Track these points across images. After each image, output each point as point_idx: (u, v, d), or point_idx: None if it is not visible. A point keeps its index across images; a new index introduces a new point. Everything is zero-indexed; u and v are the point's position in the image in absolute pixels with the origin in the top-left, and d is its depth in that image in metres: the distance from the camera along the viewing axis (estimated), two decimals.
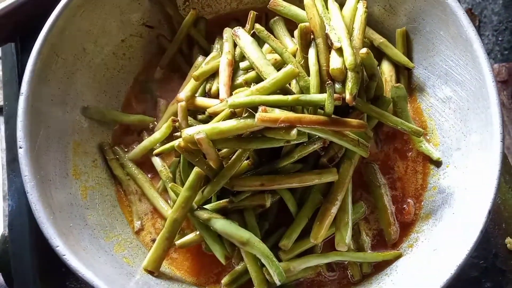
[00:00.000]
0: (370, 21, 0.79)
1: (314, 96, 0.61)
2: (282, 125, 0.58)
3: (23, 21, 0.81)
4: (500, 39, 1.44)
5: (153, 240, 0.73)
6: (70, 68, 0.74)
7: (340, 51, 0.63)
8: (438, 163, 0.74)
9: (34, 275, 0.80)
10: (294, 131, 0.59)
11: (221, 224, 0.66)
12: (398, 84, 0.74)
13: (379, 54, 0.79)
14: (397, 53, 0.77)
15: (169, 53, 0.82)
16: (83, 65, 0.76)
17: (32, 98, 0.67)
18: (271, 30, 0.77)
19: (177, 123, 0.72)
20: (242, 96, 0.64)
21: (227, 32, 0.78)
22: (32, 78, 0.67)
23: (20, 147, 0.65)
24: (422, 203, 0.73)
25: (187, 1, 0.84)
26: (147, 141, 0.76)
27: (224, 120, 0.64)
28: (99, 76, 0.78)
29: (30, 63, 0.68)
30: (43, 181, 0.65)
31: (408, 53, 0.79)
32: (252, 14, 0.75)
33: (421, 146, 0.75)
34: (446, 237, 0.66)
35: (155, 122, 0.79)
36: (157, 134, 0.75)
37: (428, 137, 0.76)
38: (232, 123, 0.62)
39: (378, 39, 0.79)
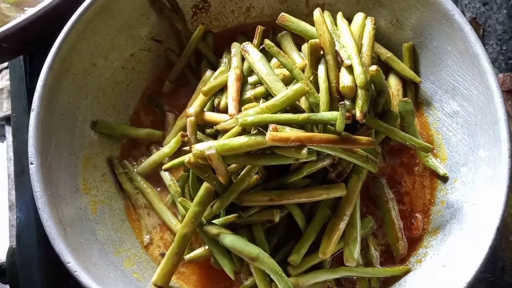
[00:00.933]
0: (377, 35, 0.79)
1: (325, 114, 0.62)
2: (292, 144, 0.59)
3: (35, 35, 0.82)
4: (504, 48, 1.44)
5: (162, 254, 0.74)
6: (80, 83, 0.74)
7: (350, 68, 0.64)
8: (445, 178, 0.74)
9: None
10: (304, 150, 0.59)
11: (230, 239, 0.66)
12: (406, 98, 0.74)
13: (386, 68, 0.79)
14: (404, 68, 0.78)
15: (177, 67, 0.82)
16: (93, 79, 0.76)
17: (43, 113, 0.68)
18: (278, 44, 0.77)
19: (186, 138, 0.72)
20: (252, 113, 0.64)
21: (235, 47, 0.79)
22: (43, 94, 0.68)
23: (32, 163, 0.65)
24: (430, 218, 0.73)
25: (195, 16, 0.85)
26: (155, 155, 0.77)
27: (234, 136, 0.65)
28: (108, 90, 0.79)
29: (41, 79, 0.68)
30: (54, 197, 0.66)
31: (415, 68, 0.79)
32: (259, 29, 0.75)
33: (427, 161, 0.76)
34: (455, 253, 0.66)
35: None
36: (166, 149, 0.75)
37: (435, 152, 0.77)
38: (243, 140, 0.63)
39: (385, 53, 0.79)
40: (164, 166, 0.72)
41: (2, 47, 0.78)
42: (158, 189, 0.77)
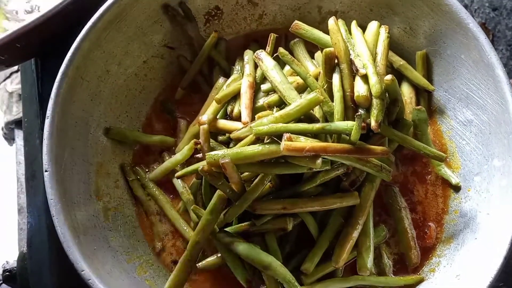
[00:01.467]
0: (390, 43, 0.79)
1: (339, 125, 0.62)
2: (307, 154, 0.59)
3: (48, 36, 0.82)
4: None
5: (174, 262, 0.74)
6: (94, 90, 0.74)
7: (365, 77, 0.64)
8: (458, 188, 0.74)
9: None
10: (319, 160, 0.59)
11: (243, 247, 0.66)
12: (420, 106, 0.74)
13: (399, 76, 0.79)
14: (417, 76, 0.78)
15: (190, 74, 0.82)
16: (106, 86, 0.76)
17: (57, 121, 0.68)
18: (291, 51, 0.77)
19: (199, 146, 0.72)
20: (266, 122, 0.64)
21: (248, 54, 0.79)
22: (58, 101, 0.68)
23: (46, 171, 0.65)
24: (444, 227, 0.73)
25: (208, 23, 0.85)
26: (168, 162, 0.77)
27: (248, 145, 0.65)
28: (121, 97, 0.79)
29: (55, 86, 0.69)
30: (68, 204, 0.66)
31: (428, 76, 0.79)
32: (272, 36, 0.75)
33: (440, 169, 0.75)
34: (469, 263, 0.66)
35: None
36: (179, 156, 0.75)
37: (448, 160, 0.76)
38: (257, 149, 0.63)
39: (398, 61, 0.79)
40: (177, 174, 0.73)
41: (15, 47, 0.78)
42: (171, 196, 0.77)
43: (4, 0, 0.97)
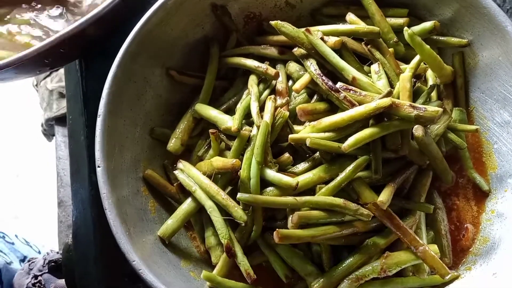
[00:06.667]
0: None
1: None
2: None
3: (90, 40, 0.85)
4: None
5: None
6: (140, 90, 0.78)
7: None
8: (493, 189, 0.75)
9: (99, 285, 0.85)
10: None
11: (286, 252, 0.69)
12: (460, 108, 0.77)
13: None
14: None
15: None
16: (151, 87, 0.80)
17: (108, 119, 0.72)
18: None
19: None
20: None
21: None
22: (109, 100, 0.72)
23: (99, 166, 0.69)
24: (480, 226, 0.74)
25: (247, 25, 0.87)
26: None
27: None
28: (165, 98, 0.82)
29: (106, 87, 0.73)
30: (118, 198, 0.70)
31: (465, 76, 0.80)
32: None
33: (471, 173, 0.77)
34: (506, 261, 0.67)
35: None
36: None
37: (483, 160, 0.77)
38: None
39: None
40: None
41: (59, 52, 0.81)
42: None
43: None
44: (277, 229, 0.64)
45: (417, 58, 0.75)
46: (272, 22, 0.78)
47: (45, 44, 0.74)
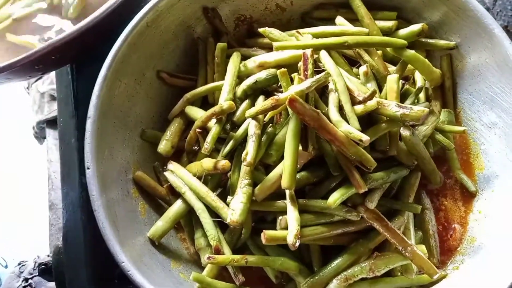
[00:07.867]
0: None
1: None
2: None
3: (82, 47, 0.84)
4: None
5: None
6: (131, 92, 0.78)
7: None
8: (481, 189, 0.76)
9: (89, 287, 0.84)
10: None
11: (276, 252, 0.70)
12: (448, 109, 0.78)
13: None
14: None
15: None
16: (142, 89, 0.80)
17: (98, 121, 0.72)
18: None
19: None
20: None
21: None
22: (98, 103, 0.72)
23: (88, 168, 0.69)
24: (467, 226, 0.75)
25: (237, 27, 0.88)
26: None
27: None
28: (155, 100, 0.83)
29: (96, 89, 0.73)
30: (108, 200, 0.70)
31: (452, 78, 0.81)
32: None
33: (459, 174, 0.77)
34: (493, 261, 0.68)
35: None
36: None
37: (471, 161, 0.78)
38: None
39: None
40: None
41: (50, 59, 0.80)
42: None
43: None
44: (264, 231, 0.65)
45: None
46: (261, 30, 0.79)
47: (36, 51, 0.74)
